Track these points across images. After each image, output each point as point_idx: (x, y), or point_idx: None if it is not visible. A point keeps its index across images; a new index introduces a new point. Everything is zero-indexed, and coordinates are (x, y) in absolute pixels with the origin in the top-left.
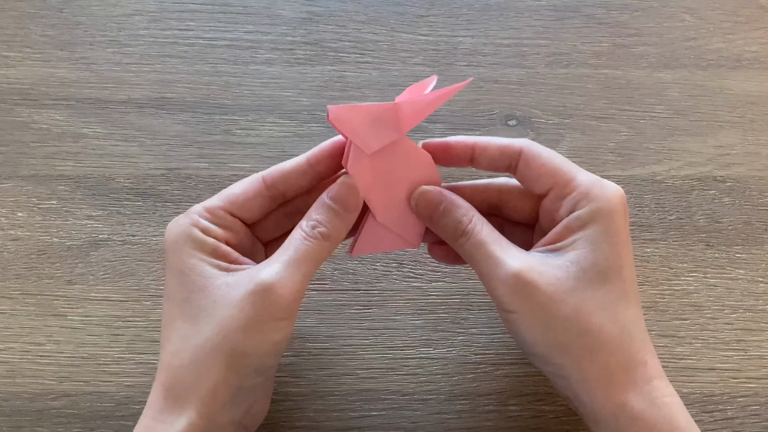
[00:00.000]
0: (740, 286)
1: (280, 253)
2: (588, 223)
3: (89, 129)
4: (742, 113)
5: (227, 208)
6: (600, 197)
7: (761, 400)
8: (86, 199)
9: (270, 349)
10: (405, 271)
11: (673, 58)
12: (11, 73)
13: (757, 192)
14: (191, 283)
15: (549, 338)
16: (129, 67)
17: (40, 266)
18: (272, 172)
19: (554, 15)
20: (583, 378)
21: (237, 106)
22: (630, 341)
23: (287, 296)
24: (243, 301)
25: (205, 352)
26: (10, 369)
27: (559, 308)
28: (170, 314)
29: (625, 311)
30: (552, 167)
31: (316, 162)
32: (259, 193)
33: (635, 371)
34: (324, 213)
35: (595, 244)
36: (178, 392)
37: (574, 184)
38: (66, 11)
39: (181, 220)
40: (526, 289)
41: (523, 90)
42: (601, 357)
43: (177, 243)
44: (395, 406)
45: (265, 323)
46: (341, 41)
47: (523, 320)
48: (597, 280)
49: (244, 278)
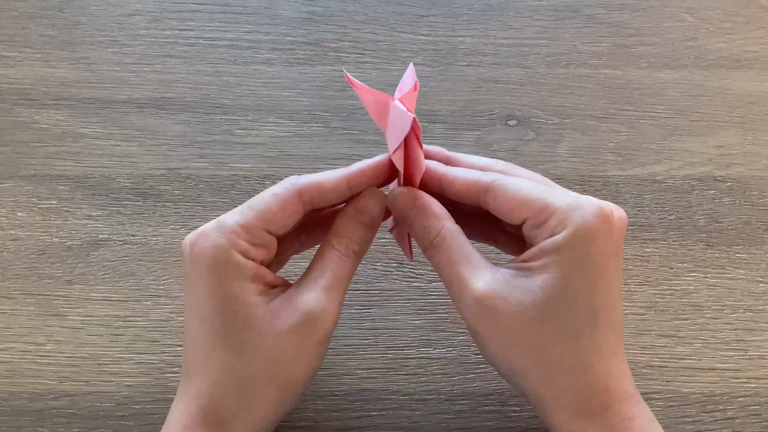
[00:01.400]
0: (740, 286)
1: (318, 276)
2: (561, 248)
3: (89, 129)
4: (742, 113)
5: (267, 228)
6: (575, 221)
7: (761, 400)
8: (86, 199)
9: (313, 375)
10: (405, 271)
11: (673, 58)
12: (11, 73)
13: (757, 192)
14: (234, 313)
15: (508, 363)
16: (129, 67)
17: (40, 266)
18: (311, 190)
19: (554, 15)
20: (540, 404)
21: (237, 106)
22: (591, 370)
23: (331, 323)
24: (292, 332)
25: (255, 384)
26: (10, 369)
27: (519, 336)
28: (208, 342)
29: (589, 339)
30: (521, 199)
31: (357, 185)
32: (297, 209)
33: (593, 399)
34: (356, 229)
35: (566, 270)
36: (223, 418)
37: (549, 211)
38: (66, 11)
39: (216, 238)
40: (489, 313)
41: (523, 90)
42: (558, 385)
43: (216, 265)
44: (395, 406)
45: (312, 352)
46: (341, 41)
47: (487, 341)
48: (563, 308)
49: (288, 307)
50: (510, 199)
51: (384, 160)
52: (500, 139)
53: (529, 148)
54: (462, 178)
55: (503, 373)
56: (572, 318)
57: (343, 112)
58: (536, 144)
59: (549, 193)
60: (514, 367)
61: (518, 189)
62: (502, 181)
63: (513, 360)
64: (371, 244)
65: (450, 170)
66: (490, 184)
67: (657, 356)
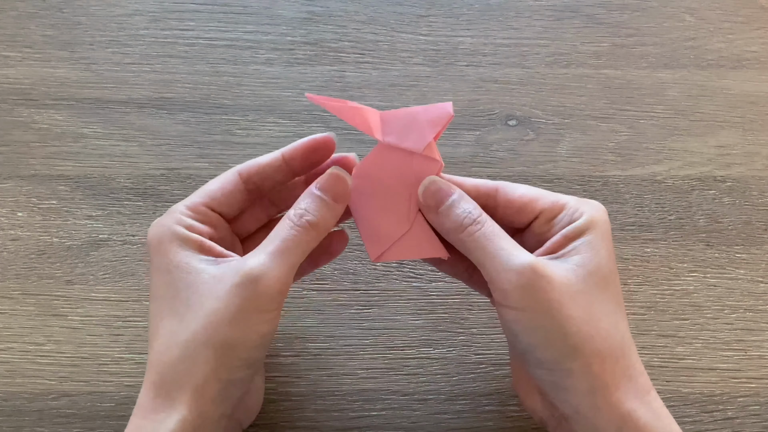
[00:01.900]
0: (740, 286)
1: (267, 243)
2: (585, 231)
3: (89, 129)
4: (742, 113)
5: (208, 204)
6: (590, 210)
7: (761, 400)
8: (86, 199)
9: (257, 342)
10: (405, 271)
11: (673, 58)
12: (11, 73)
13: (757, 192)
14: (179, 281)
15: (560, 339)
16: (129, 67)
17: (40, 266)
18: (248, 167)
19: (554, 15)
20: (590, 384)
21: (237, 106)
22: (630, 350)
23: (274, 287)
24: (229, 293)
25: (194, 347)
26: (10, 369)
27: (572, 308)
28: (158, 313)
29: (622, 320)
30: (533, 195)
31: (291, 158)
32: (237, 187)
33: (637, 381)
34: (312, 202)
35: (596, 249)
36: (168, 388)
37: (560, 204)
38: (66, 11)
39: (164, 220)
40: (540, 283)
41: (523, 90)
42: (608, 363)
43: (162, 242)
44: (395, 406)
45: (252, 315)
46: (341, 41)
47: (532, 318)
48: (601, 284)
49: (230, 270)
50: (521, 195)
51: (318, 137)
52: (500, 139)
53: (529, 148)
54: (471, 181)
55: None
56: (610, 294)
57: None
58: (536, 144)
59: (553, 193)
60: (567, 342)
61: (527, 189)
62: (509, 184)
63: (567, 335)
64: None
65: (457, 177)
66: (500, 184)
67: (657, 356)
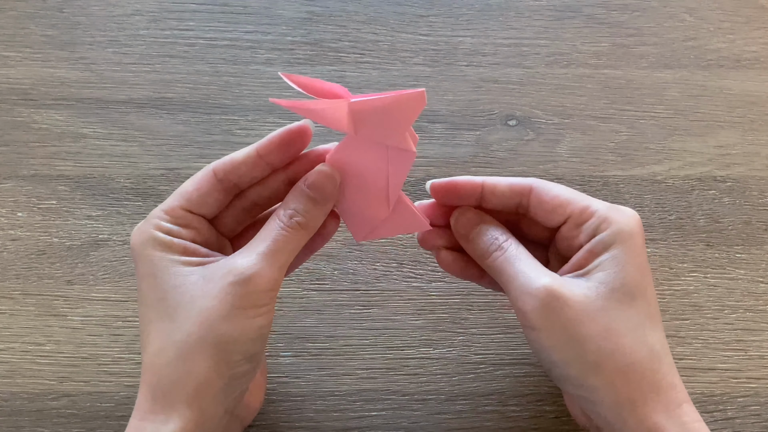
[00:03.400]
0: (740, 286)
1: (257, 242)
2: (611, 245)
3: (89, 129)
4: (742, 113)
5: (185, 206)
6: (619, 221)
7: (761, 400)
8: (86, 199)
9: (255, 334)
10: (405, 271)
11: (673, 58)
12: (11, 73)
13: (757, 192)
14: (165, 283)
15: (580, 357)
16: (129, 67)
17: (40, 266)
18: (222, 165)
19: (554, 15)
20: (615, 400)
21: (237, 106)
22: (659, 363)
23: (265, 285)
24: (222, 291)
25: (190, 346)
26: (10, 369)
27: (590, 326)
28: (147, 317)
29: (652, 333)
30: (566, 198)
31: (266, 153)
32: (213, 186)
33: (666, 394)
34: (302, 202)
35: (621, 264)
36: (167, 390)
37: (590, 211)
38: (66, 11)
39: (144, 226)
40: (556, 304)
41: (523, 90)
42: (633, 378)
43: (145, 248)
44: (395, 406)
45: (247, 310)
46: (341, 41)
47: (550, 338)
48: (625, 300)
49: (220, 270)
50: (553, 197)
51: (292, 128)
52: (500, 139)
53: (529, 148)
54: (505, 181)
55: (571, 375)
56: (635, 310)
57: None
58: (536, 144)
59: (587, 197)
60: (587, 359)
61: (561, 190)
62: (544, 184)
63: (585, 352)
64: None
65: (490, 177)
66: (534, 184)
67: None
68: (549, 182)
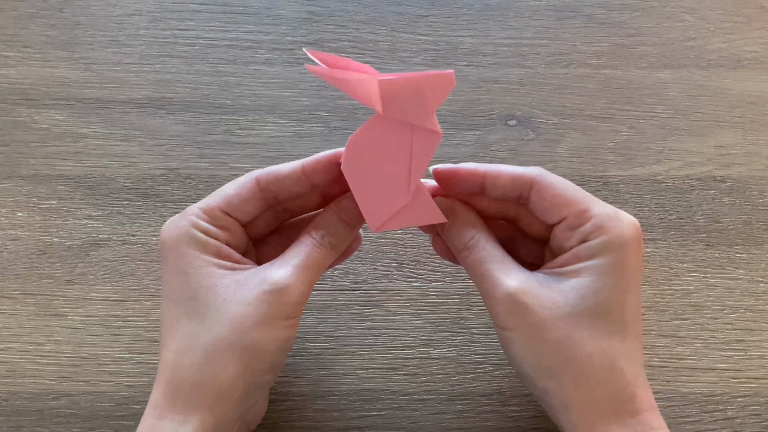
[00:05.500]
0: (740, 286)
1: (290, 256)
2: (597, 254)
3: (89, 129)
4: (742, 113)
5: (224, 209)
6: (613, 230)
7: (761, 400)
8: (86, 199)
9: (282, 345)
10: (405, 271)
11: (673, 58)
12: (11, 73)
13: (757, 192)
14: (197, 283)
15: (536, 360)
16: (129, 67)
17: (40, 266)
18: (267, 176)
19: (554, 15)
20: (565, 405)
21: (237, 106)
22: (620, 375)
23: (297, 297)
24: (257, 299)
25: (218, 350)
26: (10, 369)
27: (549, 332)
28: (173, 313)
29: (620, 344)
30: (566, 198)
31: (311, 171)
32: (254, 194)
33: (621, 405)
34: (334, 225)
35: (600, 275)
36: (189, 391)
37: (588, 215)
38: (66, 11)
39: (179, 222)
40: (519, 310)
41: (523, 90)
42: (585, 387)
43: (179, 244)
44: (395, 406)
45: (279, 320)
46: (341, 41)
47: (516, 338)
48: (595, 310)
49: (254, 278)
50: (555, 195)
51: (340, 151)
52: (500, 139)
53: (529, 148)
54: (507, 171)
55: (526, 373)
56: (604, 321)
57: (343, 111)
58: (536, 144)
59: (591, 199)
60: (542, 363)
61: (564, 188)
62: (548, 177)
63: (542, 357)
64: (360, 243)
65: (492, 166)
66: (537, 177)
67: (657, 356)
68: (554, 176)
